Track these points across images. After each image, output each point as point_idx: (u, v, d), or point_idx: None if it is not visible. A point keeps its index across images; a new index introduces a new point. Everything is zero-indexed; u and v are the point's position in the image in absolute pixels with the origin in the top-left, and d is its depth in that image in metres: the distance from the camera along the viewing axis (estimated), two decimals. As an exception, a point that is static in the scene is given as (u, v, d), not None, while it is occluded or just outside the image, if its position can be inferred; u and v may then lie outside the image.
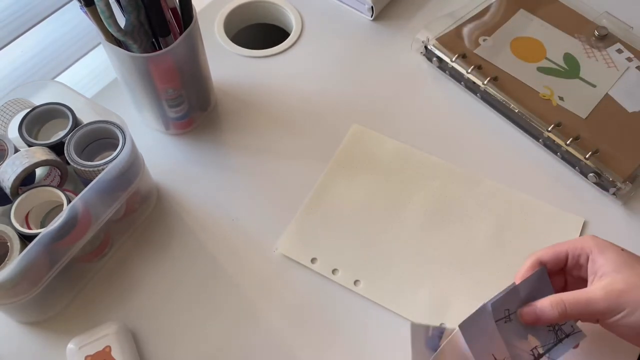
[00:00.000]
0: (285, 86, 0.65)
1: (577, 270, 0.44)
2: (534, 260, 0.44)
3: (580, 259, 0.43)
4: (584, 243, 0.43)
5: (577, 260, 0.44)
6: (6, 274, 0.41)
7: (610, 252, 0.42)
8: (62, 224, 0.43)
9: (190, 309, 0.51)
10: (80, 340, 0.47)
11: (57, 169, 0.48)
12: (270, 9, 0.72)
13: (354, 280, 0.52)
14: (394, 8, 0.71)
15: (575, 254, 0.44)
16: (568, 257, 0.44)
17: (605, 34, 0.65)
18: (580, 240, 0.44)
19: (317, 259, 0.53)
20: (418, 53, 0.67)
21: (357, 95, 0.64)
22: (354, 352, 0.50)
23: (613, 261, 0.41)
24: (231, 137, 0.61)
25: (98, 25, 0.49)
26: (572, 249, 0.44)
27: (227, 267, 0.53)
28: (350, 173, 0.58)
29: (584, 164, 0.57)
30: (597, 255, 0.42)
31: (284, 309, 0.51)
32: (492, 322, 0.42)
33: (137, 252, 0.54)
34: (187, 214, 0.56)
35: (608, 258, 0.42)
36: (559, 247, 0.44)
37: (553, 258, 0.44)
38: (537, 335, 0.43)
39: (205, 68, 0.58)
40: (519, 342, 0.43)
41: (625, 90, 0.62)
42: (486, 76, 0.62)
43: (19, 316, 0.50)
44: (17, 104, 0.50)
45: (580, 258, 0.43)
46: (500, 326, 0.43)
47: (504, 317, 0.43)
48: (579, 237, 0.44)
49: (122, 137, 0.48)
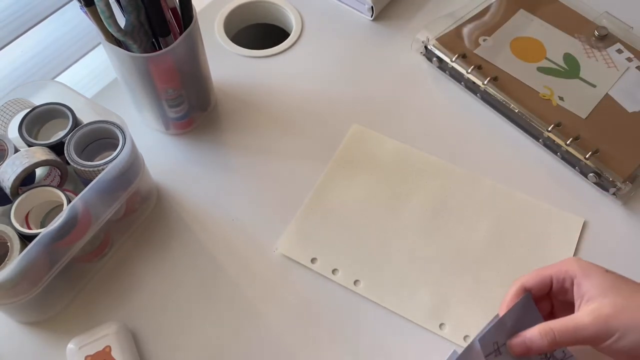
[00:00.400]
0: (285, 86, 0.65)
1: (563, 295, 0.44)
2: (518, 287, 0.44)
3: (565, 283, 0.43)
4: (568, 267, 0.42)
5: (562, 284, 0.43)
6: (6, 274, 0.41)
7: (595, 275, 0.41)
8: (62, 224, 0.43)
9: (190, 308, 0.51)
10: (80, 340, 0.47)
11: (57, 169, 0.48)
12: (270, 9, 0.72)
13: (354, 280, 0.52)
14: (394, 8, 0.71)
15: (560, 278, 0.43)
16: (553, 281, 0.43)
17: (605, 34, 0.65)
18: (564, 264, 0.43)
19: (317, 259, 0.53)
20: (418, 53, 0.67)
21: (357, 95, 0.64)
22: (354, 352, 0.50)
23: (598, 284, 0.41)
24: (231, 137, 0.61)
25: (98, 25, 0.49)
26: (556, 274, 0.43)
27: (227, 267, 0.53)
28: (350, 173, 0.58)
29: (584, 164, 0.57)
30: (582, 279, 0.42)
31: (284, 309, 0.51)
32: (482, 358, 0.41)
33: (137, 252, 0.54)
34: (187, 214, 0.56)
35: (593, 281, 0.41)
36: (543, 272, 0.44)
37: (537, 284, 0.43)
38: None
39: (205, 68, 0.58)
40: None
41: (625, 90, 0.62)
42: (486, 76, 0.62)
43: (19, 316, 0.50)
44: (17, 104, 0.50)
45: (565, 282, 0.43)
46: None
47: (494, 351, 0.42)
48: (562, 261, 0.44)
49: (122, 137, 0.48)
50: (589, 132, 0.58)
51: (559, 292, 0.44)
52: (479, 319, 0.50)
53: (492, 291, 0.52)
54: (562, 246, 0.54)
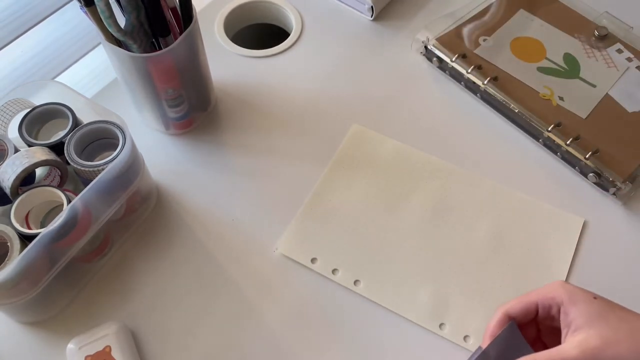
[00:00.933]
0: (285, 86, 0.65)
1: (550, 321, 0.42)
2: (502, 315, 0.42)
3: (552, 310, 0.41)
4: (554, 292, 0.41)
5: (549, 311, 0.42)
6: (6, 274, 0.41)
7: (582, 302, 0.40)
8: (62, 224, 0.43)
9: (190, 308, 0.51)
10: (80, 340, 0.47)
11: (57, 169, 0.48)
12: (270, 9, 0.72)
13: (354, 280, 0.52)
14: (394, 8, 0.71)
15: (546, 305, 0.41)
16: (538, 308, 0.42)
17: (605, 34, 0.65)
18: (550, 290, 0.41)
19: (317, 259, 0.53)
20: (418, 53, 0.67)
21: (357, 95, 0.64)
22: (354, 352, 0.50)
23: (586, 313, 0.39)
24: (231, 137, 0.61)
25: (98, 25, 0.49)
26: (542, 300, 0.41)
27: (227, 267, 0.53)
28: (351, 173, 0.58)
29: (584, 164, 0.57)
30: (569, 307, 0.40)
31: (284, 308, 0.51)
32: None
33: (137, 252, 0.54)
34: (187, 214, 0.56)
35: (580, 309, 0.40)
36: (528, 299, 0.42)
37: (522, 310, 0.42)
38: None
39: (205, 68, 0.58)
40: None
41: (625, 90, 0.62)
42: (486, 76, 0.62)
43: (19, 316, 0.50)
44: (17, 104, 0.50)
45: (552, 309, 0.41)
46: None
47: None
48: (548, 285, 0.42)
49: (122, 137, 0.48)
50: (589, 132, 0.58)
51: (545, 318, 0.42)
52: (479, 319, 0.50)
53: (492, 291, 0.52)
54: (562, 246, 0.54)
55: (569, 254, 0.54)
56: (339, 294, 0.52)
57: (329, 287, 0.52)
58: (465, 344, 0.49)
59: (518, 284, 0.52)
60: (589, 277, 0.50)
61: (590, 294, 0.41)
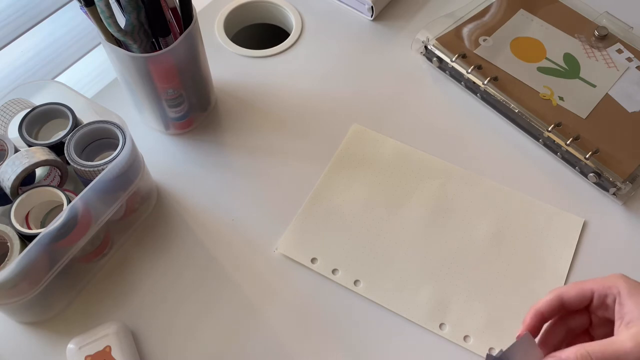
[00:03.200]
0: (285, 86, 0.65)
1: (603, 311, 0.41)
2: (555, 296, 0.42)
3: (607, 299, 0.41)
4: (613, 282, 0.40)
5: (604, 300, 0.41)
6: (6, 274, 0.41)
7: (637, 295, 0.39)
8: (62, 224, 0.43)
9: (190, 308, 0.51)
10: (80, 340, 0.47)
11: (57, 169, 0.48)
12: (270, 9, 0.72)
13: (354, 280, 0.52)
14: (394, 8, 0.71)
15: (602, 294, 0.41)
16: (594, 296, 0.41)
17: (605, 34, 0.65)
18: (609, 279, 0.41)
19: (317, 259, 0.53)
20: (418, 53, 0.67)
21: (357, 95, 0.64)
22: (354, 352, 0.50)
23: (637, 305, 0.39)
24: (231, 137, 0.61)
25: (98, 25, 0.49)
26: (599, 288, 0.41)
27: (227, 267, 0.53)
28: (350, 173, 0.58)
29: (584, 164, 0.57)
30: (626, 298, 0.39)
31: (284, 308, 0.51)
32: None
33: (137, 252, 0.54)
34: (187, 214, 0.56)
35: (637, 302, 0.39)
36: (585, 285, 0.41)
37: (577, 295, 0.41)
38: None
39: (205, 68, 0.58)
40: None
41: (625, 90, 0.62)
42: (486, 76, 0.62)
43: (19, 316, 0.50)
44: (17, 104, 0.50)
45: (607, 298, 0.40)
46: None
47: None
48: (607, 276, 0.41)
49: (122, 137, 0.48)
50: (589, 132, 0.58)
51: (599, 307, 0.42)
52: (479, 319, 0.50)
53: (492, 291, 0.52)
54: (562, 246, 0.54)
55: (569, 254, 0.54)
56: (339, 294, 0.52)
57: (329, 287, 0.52)
58: (465, 344, 0.49)
59: (518, 283, 0.52)
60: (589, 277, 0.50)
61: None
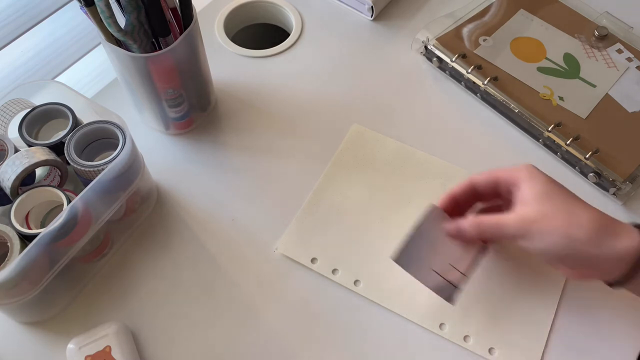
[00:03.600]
0: (285, 86, 0.65)
1: (509, 195, 0.47)
2: (468, 181, 0.48)
3: (512, 188, 0.46)
4: (519, 172, 0.45)
5: (509, 188, 0.46)
6: (6, 274, 0.41)
7: (538, 182, 0.44)
8: (62, 224, 0.43)
9: (191, 309, 0.51)
10: (80, 340, 0.47)
11: (57, 169, 0.48)
12: (270, 9, 0.72)
13: (354, 280, 0.52)
14: (394, 8, 0.71)
15: (508, 182, 0.46)
16: (502, 183, 0.46)
17: (606, 34, 0.65)
18: (516, 169, 0.46)
19: (317, 259, 0.53)
20: (418, 53, 0.67)
21: (357, 95, 0.64)
22: (354, 352, 0.50)
23: (537, 191, 0.44)
24: (231, 137, 0.61)
25: (98, 25, 0.49)
26: (505, 176, 0.46)
27: (227, 267, 0.53)
28: (350, 173, 0.58)
29: (584, 164, 0.57)
30: (525, 184, 0.44)
31: (284, 308, 0.51)
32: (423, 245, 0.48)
33: (137, 252, 0.54)
34: (187, 214, 0.56)
35: (533, 187, 0.44)
36: (495, 174, 0.47)
37: (487, 182, 0.47)
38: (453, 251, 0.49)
39: (205, 68, 0.58)
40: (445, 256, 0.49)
41: (625, 91, 0.62)
42: (486, 76, 0.62)
43: (19, 316, 0.50)
44: (17, 104, 0.50)
45: (513, 187, 0.46)
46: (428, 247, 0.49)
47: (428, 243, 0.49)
48: (518, 166, 0.46)
49: (122, 137, 0.48)
50: (589, 132, 0.58)
51: (506, 192, 0.47)
52: (479, 319, 0.50)
53: (493, 291, 0.52)
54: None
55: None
56: (339, 294, 0.52)
57: (329, 287, 0.52)
58: (465, 344, 0.49)
59: (518, 283, 0.52)
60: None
61: (550, 178, 0.45)
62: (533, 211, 0.43)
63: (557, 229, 0.42)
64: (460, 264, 0.49)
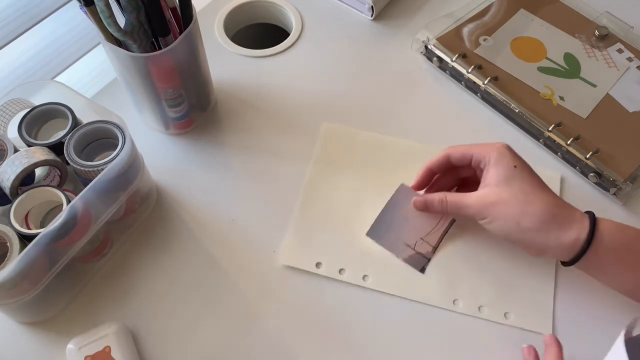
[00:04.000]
0: (285, 86, 0.65)
1: (479, 172, 0.51)
2: (444, 154, 0.52)
3: (481, 164, 0.50)
4: (489, 151, 0.49)
5: (479, 165, 0.50)
6: (6, 274, 0.41)
7: (502, 166, 0.48)
8: (62, 224, 0.43)
9: (191, 309, 0.51)
10: (80, 341, 0.47)
11: (56, 169, 0.48)
12: (270, 9, 0.72)
13: (363, 275, 0.52)
14: (394, 8, 0.71)
15: (479, 159, 0.50)
16: (473, 158, 0.50)
17: (606, 34, 0.65)
18: (488, 147, 0.49)
19: (322, 263, 0.53)
20: (418, 53, 0.67)
21: (357, 95, 0.64)
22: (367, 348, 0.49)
23: (500, 175, 0.48)
24: (231, 137, 0.61)
25: (98, 25, 0.49)
26: (477, 154, 0.50)
27: (227, 267, 0.53)
28: (334, 171, 0.58)
29: (584, 164, 0.57)
30: (491, 167, 0.48)
31: (284, 308, 0.51)
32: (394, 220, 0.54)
33: (137, 252, 0.54)
34: (187, 214, 0.56)
35: (498, 171, 0.48)
36: (468, 149, 0.50)
37: (461, 156, 0.51)
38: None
39: (205, 68, 0.58)
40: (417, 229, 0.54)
41: (625, 90, 0.62)
42: (486, 76, 0.62)
43: (19, 316, 0.50)
44: (16, 104, 0.50)
45: (481, 164, 0.49)
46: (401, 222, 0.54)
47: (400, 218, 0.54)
48: (491, 144, 0.49)
49: (122, 137, 0.48)
50: (589, 132, 0.58)
51: (477, 168, 0.51)
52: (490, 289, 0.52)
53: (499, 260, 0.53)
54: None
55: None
56: (349, 292, 0.52)
57: (337, 286, 0.52)
58: (480, 314, 0.50)
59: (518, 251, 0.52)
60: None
61: (513, 162, 0.48)
62: (492, 195, 0.47)
63: (510, 216, 0.46)
64: (431, 237, 0.53)
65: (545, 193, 0.47)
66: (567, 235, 0.46)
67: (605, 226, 0.46)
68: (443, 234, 0.54)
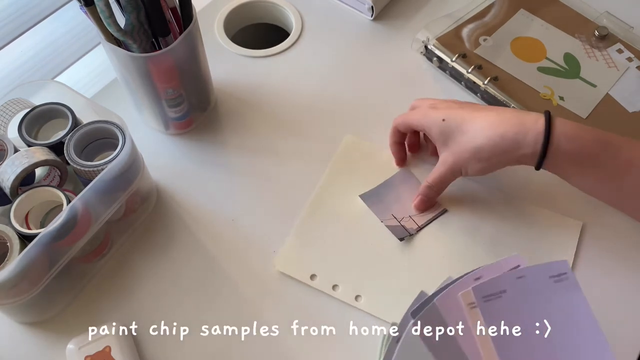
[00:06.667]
0: (285, 86, 0.65)
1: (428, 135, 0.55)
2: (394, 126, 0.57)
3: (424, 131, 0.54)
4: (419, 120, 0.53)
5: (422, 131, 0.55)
6: (6, 274, 0.41)
7: (435, 127, 0.52)
8: (62, 224, 0.43)
9: (191, 308, 0.51)
10: (80, 340, 0.47)
11: (56, 169, 0.48)
12: (270, 9, 0.72)
13: (355, 295, 0.52)
14: (394, 8, 0.71)
15: (420, 128, 0.54)
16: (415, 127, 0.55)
17: (606, 34, 0.65)
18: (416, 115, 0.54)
19: (317, 276, 0.53)
20: (418, 53, 0.67)
21: (357, 95, 0.64)
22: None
23: (438, 136, 0.52)
24: (231, 137, 0.61)
25: (98, 25, 0.49)
26: (415, 125, 0.54)
27: (226, 267, 0.53)
28: (347, 185, 0.58)
29: (584, 164, 0.57)
30: (429, 132, 0.53)
31: (284, 309, 0.51)
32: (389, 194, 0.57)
33: (137, 252, 0.54)
34: (187, 214, 0.56)
35: (435, 133, 0.52)
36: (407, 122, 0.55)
37: (405, 129, 0.56)
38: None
39: (205, 68, 0.58)
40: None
41: (625, 90, 0.62)
42: (486, 76, 0.62)
43: (19, 316, 0.50)
44: (17, 104, 0.50)
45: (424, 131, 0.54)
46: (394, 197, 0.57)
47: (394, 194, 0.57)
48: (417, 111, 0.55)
49: (122, 137, 0.48)
50: (589, 132, 0.58)
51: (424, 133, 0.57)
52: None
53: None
54: (562, 249, 0.54)
55: (570, 257, 0.54)
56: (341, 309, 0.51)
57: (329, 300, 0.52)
58: None
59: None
60: (590, 280, 0.50)
61: (441, 115, 0.52)
62: (448, 155, 0.52)
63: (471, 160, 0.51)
64: (419, 218, 0.56)
65: (481, 118, 0.50)
66: (524, 149, 0.48)
67: (561, 131, 0.48)
68: (432, 219, 0.56)
